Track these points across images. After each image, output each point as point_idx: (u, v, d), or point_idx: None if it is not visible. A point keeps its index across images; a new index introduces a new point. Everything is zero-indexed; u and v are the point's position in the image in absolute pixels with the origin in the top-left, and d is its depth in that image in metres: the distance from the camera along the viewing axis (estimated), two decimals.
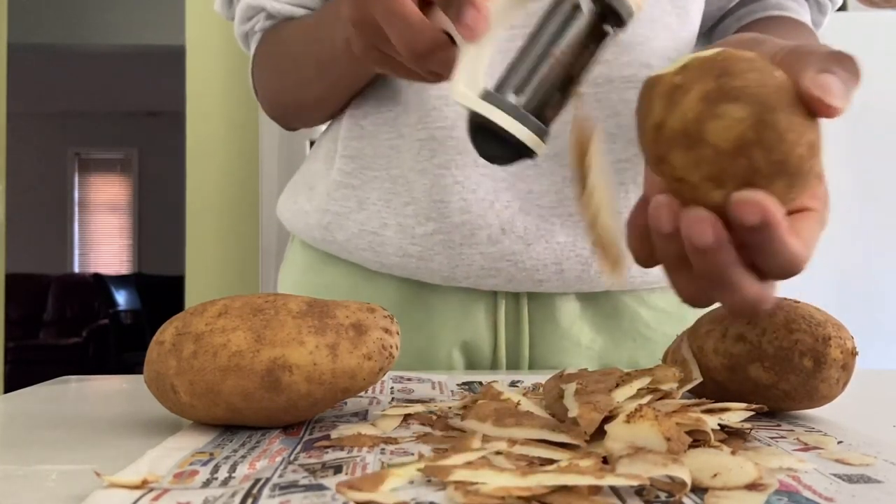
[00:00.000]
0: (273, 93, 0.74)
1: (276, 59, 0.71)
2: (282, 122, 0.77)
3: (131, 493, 0.29)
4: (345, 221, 0.67)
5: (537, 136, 0.36)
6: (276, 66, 0.71)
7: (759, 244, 0.32)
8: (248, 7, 0.72)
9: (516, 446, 0.34)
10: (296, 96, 0.71)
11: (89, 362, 5.29)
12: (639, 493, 0.29)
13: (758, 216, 0.31)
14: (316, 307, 0.40)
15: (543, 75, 0.37)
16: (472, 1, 0.38)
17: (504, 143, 0.36)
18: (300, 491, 0.29)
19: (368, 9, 0.42)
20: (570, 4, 0.37)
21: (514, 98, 0.36)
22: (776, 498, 0.29)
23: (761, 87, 0.31)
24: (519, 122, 0.36)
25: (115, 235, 7.01)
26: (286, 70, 0.70)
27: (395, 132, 0.66)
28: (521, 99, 0.36)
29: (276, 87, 0.73)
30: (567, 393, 0.40)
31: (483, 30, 0.38)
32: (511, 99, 0.36)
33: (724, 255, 0.32)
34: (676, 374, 0.42)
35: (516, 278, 0.64)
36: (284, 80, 0.71)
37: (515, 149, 0.37)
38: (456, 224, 0.63)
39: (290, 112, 0.74)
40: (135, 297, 6.18)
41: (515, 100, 0.36)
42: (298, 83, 0.69)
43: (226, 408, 0.38)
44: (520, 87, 0.36)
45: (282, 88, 0.72)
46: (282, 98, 0.73)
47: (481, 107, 0.36)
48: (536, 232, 0.63)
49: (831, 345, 0.42)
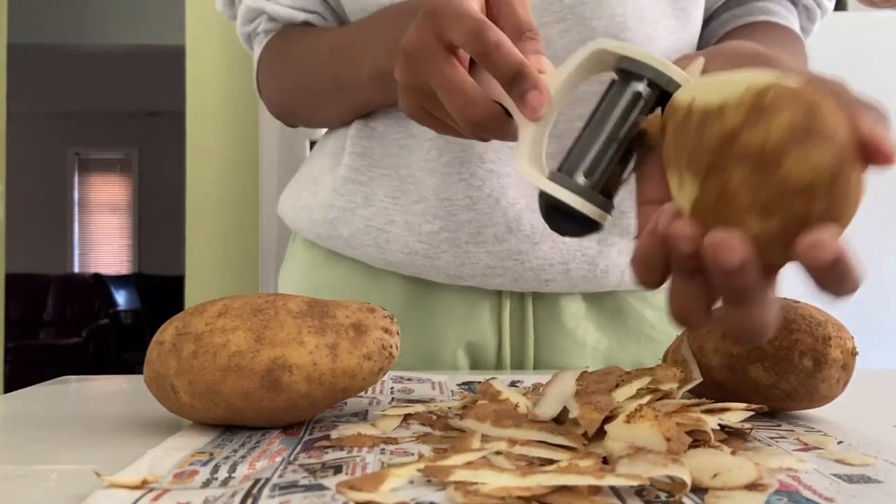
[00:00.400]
0: (283, 99, 0.74)
1: (289, 71, 0.71)
2: (285, 122, 0.78)
3: (131, 493, 0.29)
4: (350, 216, 0.67)
5: (605, 212, 0.39)
6: (289, 78, 0.71)
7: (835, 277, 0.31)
8: (250, 9, 0.72)
9: (516, 446, 0.34)
10: (309, 111, 0.72)
11: (89, 362, 5.29)
12: (639, 493, 0.29)
13: (831, 254, 0.30)
14: (316, 307, 0.40)
15: (610, 158, 0.39)
16: (536, 84, 0.40)
17: (577, 220, 0.39)
18: (300, 491, 0.29)
19: (423, 77, 0.43)
20: (631, 92, 0.39)
21: (583, 180, 0.39)
22: (776, 498, 0.29)
23: (843, 135, 0.31)
24: (591, 203, 0.39)
25: (115, 235, 7.01)
26: (300, 86, 0.70)
27: (405, 132, 0.66)
28: (590, 181, 0.39)
29: (287, 95, 0.73)
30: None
31: (545, 111, 0.40)
32: (580, 180, 0.39)
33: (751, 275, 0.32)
34: (677, 374, 0.42)
35: (522, 277, 0.64)
36: (297, 95, 0.71)
37: (587, 225, 0.39)
38: (462, 222, 0.63)
39: (298, 118, 0.75)
40: (135, 297, 6.18)
41: (584, 181, 0.39)
42: (316, 100, 0.69)
43: (226, 408, 0.38)
44: (589, 170, 0.39)
45: (293, 99, 0.72)
46: (292, 108, 0.74)
47: (553, 189, 0.39)
48: (543, 231, 0.63)
49: (831, 345, 0.42)
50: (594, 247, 0.64)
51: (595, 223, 0.39)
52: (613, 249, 0.64)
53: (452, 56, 0.42)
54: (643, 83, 0.39)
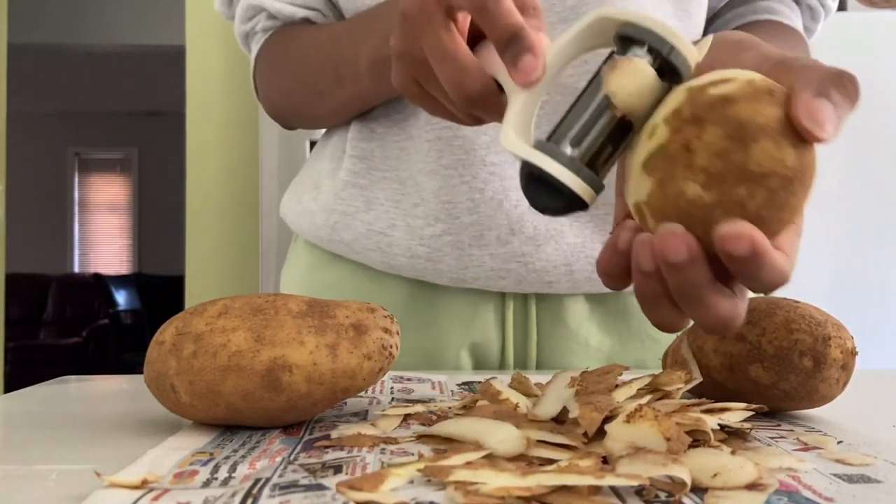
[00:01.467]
0: (281, 97, 0.73)
1: (287, 65, 0.70)
2: (283, 124, 0.77)
3: (131, 493, 0.29)
4: (352, 221, 0.67)
5: (592, 189, 0.36)
6: (287, 73, 0.71)
7: (749, 272, 0.32)
8: (249, 7, 0.72)
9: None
10: (307, 106, 0.71)
11: (89, 362, 5.29)
12: (639, 493, 0.29)
13: (747, 247, 0.31)
14: (316, 307, 0.40)
15: (600, 130, 0.36)
16: (531, 47, 0.37)
17: (558, 194, 0.36)
18: (300, 491, 0.29)
19: (418, 42, 0.41)
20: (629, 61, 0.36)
21: (570, 150, 0.36)
22: (776, 498, 0.29)
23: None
24: (575, 175, 0.35)
25: (115, 235, 7.01)
26: (299, 79, 0.69)
27: (404, 133, 0.65)
28: (577, 152, 0.36)
29: (285, 93, 0.72)
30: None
31: (538, 78, 0.38)
32: (567, 151, 0.36)
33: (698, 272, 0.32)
34: (682, 377, 0.42)
35: (526, 279, 0.64)
36: (296, 89, 0.70)
37: (570, 200, 0.36)
38: (465, 225, 0.63)
39: (296, 117, 0.74)
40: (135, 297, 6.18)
41: (571, 152, 0.36)
42: (313, 94, 0.68)
43: (226, 408, 0.38)
44: (577, 139, 0.36)
45: (291, 95, 0.72)
46: (290, 104, 0.73)
47: (537, 158, 0.35)
48: (546, 233, 0.63)
49: (831, 345, 0.42)
50: (598, 248, 0.64)
51: (579, 200, 0.36)
52: None
53: (451, 22, 0.41)
54: (643, 49, 0.36)
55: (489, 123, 0.43)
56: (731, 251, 0.31)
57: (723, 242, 0.31)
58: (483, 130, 0.62)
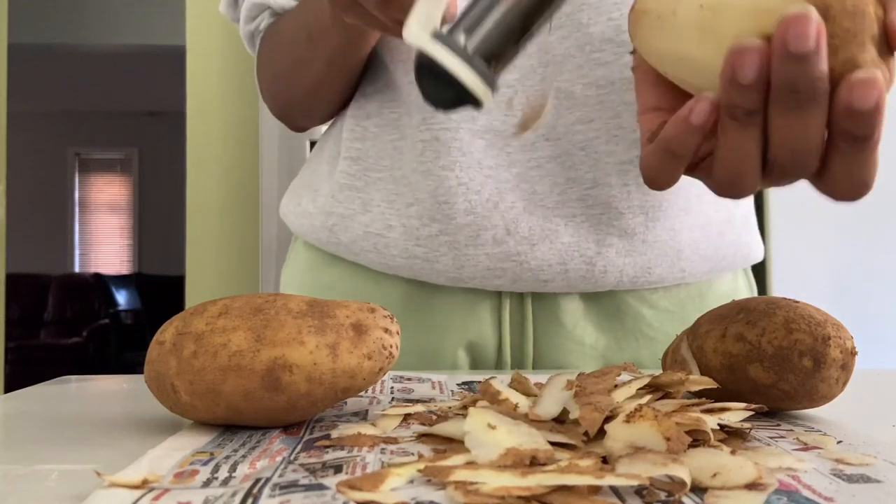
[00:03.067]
0: (273, 81, 0.73)
1: (274, 47, 0.71)
2: (288, 122, 0.77)
3: (132, 492, 0.29)
4: (349, 223, 0.67)
5: (484, 83, 0.34)
6: (274, 54, 0.71)
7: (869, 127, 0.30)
8: (253, 5, 0.72)
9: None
10: (294, 80, 0.70)
11: (89, 362, 5.29)
12: (639, 492, 0.29)
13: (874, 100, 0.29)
14: (316, 307, 0.40)
15: (497, 19, 0.34)
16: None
17: (449, 86, 0.34)
18: (300, 490, 0.29)
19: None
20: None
21: (463, 39, 0.34)
22: (776, 498, 0.29)
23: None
24: (465, 64, 0.34)
25: (115, 235, 7.01)
26: (283, 54, 0.70)
27: (397, 133, 0.66)
28: (470, 41, 0.34)
29: (276, 77, 0.72)
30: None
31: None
32: (461, 40, 0.34)
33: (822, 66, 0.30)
34: (682, 378, 0.42)
35: (521, 278, 0.64)
36: (282, 65, 0.71)
37: (460, 93, 0.34)
38: (461, 225, 0.63)
39: (291, 106, 0.74)
40: (135, 297, 6.18)
41: (464, 41, 0.34)
42: (295, 64, 0.68)
43: (226, 408, 0.38)
44: (470, 28, 0.34)
45: (280, 74, 0.72)
46: (281, 86, 0.73)
47: (428, 45, 0.34)
48: (541, 233, 0.63)
49: (831, 345, 0.42)
50: (592, 247, 0.64)
51: (469, 94, 0.34)
52: (611, 250, 0.64)
53: None
54: None
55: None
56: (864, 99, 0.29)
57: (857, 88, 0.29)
58: (480, 133, 0.62)
